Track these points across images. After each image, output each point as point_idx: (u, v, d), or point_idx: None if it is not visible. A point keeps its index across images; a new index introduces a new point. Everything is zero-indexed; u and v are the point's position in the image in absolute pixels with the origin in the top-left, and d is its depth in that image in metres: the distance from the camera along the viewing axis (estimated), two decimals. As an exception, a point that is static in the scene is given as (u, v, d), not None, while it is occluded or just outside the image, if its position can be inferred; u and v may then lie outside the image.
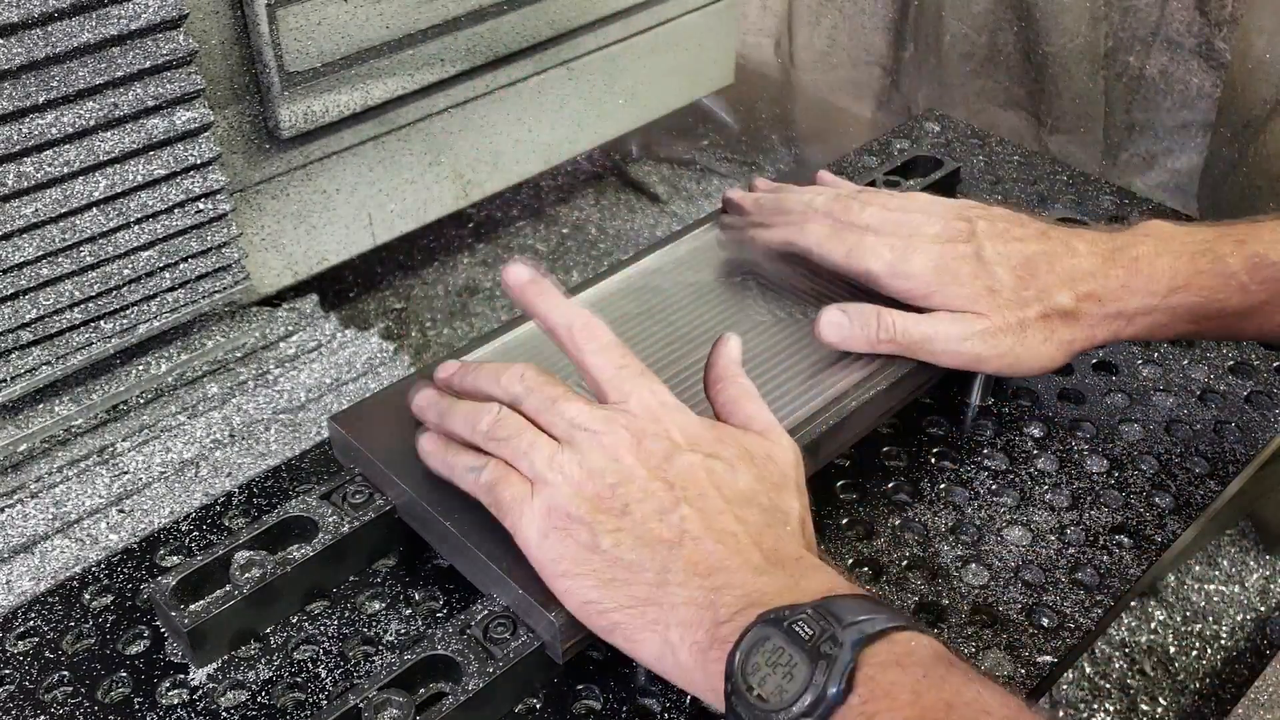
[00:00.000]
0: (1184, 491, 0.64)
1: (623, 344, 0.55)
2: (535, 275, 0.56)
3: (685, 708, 0.53)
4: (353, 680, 0.54)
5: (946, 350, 0.62)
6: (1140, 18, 1.06)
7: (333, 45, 0.80)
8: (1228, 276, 0.61)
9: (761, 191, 0.75)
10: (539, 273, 0.56)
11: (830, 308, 0.64)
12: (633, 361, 0.54)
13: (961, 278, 0.62)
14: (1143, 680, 0.85)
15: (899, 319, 0.63)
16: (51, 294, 0.70)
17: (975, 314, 0.62)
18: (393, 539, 0.60)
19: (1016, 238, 0.64)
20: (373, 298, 1.11)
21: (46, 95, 0.64)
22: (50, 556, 0.67)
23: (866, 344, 0.63)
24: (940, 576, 0.59)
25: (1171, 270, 0.62)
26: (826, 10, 1.28)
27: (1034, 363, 0.62)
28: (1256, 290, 0.61)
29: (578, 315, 0.55)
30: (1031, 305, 0.62)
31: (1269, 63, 0.93)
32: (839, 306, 0.64)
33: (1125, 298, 0.62)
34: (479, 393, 0.56)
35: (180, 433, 0.75)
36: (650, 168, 1.33)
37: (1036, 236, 0.64)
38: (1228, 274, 0.61)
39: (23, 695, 0.53)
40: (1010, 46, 1.15)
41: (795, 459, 0.54)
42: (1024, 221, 0.66)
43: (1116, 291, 0.62)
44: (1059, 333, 0.62)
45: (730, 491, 0.50)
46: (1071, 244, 0.64)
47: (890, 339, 0.63)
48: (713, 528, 0.49)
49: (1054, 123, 1.15)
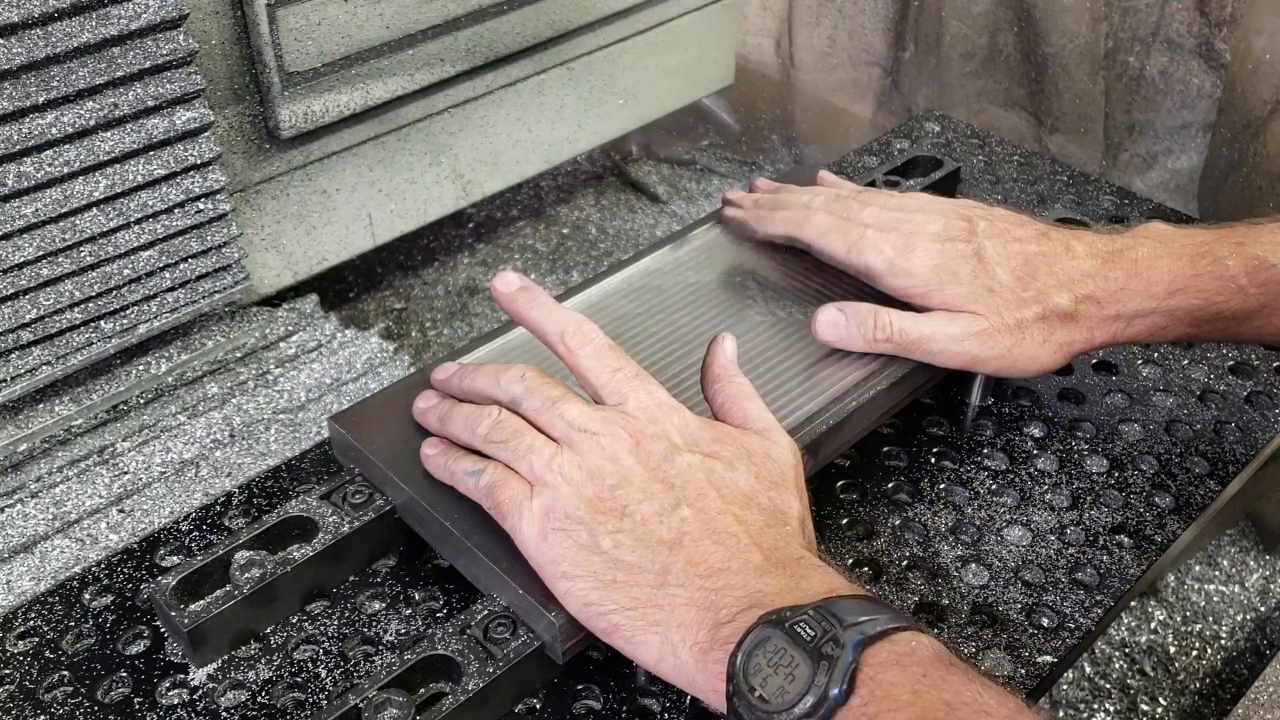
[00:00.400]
0: (1184, 491, 0.64)
1: (616, 346, 0.55)
2: (525, 282, 0.56)
3: (685, 708, 0.53)
4: (353, 680, 0.54)
5: (944, 350, 0.62)
6: (1140, 18, 1.06)
7: (333, 45, 0.80)
8: (1227, 279, 0.61)
9: (761, 191, 0.75)
10: (528, 280, 0.57)
11: (827, 306, 0.64)
12: (627, 364, 0.54)
13: (961, 277, 0.62)
14: (1143, 680, 0.85)
15: (896, 318, 0.63)
16: (51, 294, 0.70)
17: (973, 314, 0.62)
18: (393, 539, 0.60)
19: (1017, 238, 0.64)
20: (373, 298, 1.11)
21: (46, 95, 0.64)
22: (50, 556, 0.67)
23: (864, 343, 0.63)
24: (940, 576, 0.59)
25: (1170, 272, 0.62)
26: (826, 10, 1.28)
27: (1032, 364, 0.62)
28: (1255, 293, 0.61)
29: (569, 320, 0.55)
30: (1030, 306, 0.62)
31: (1269, 63, 0.93)
32: (836, 305, 0.64)
33: (1124, 300, 0.62)
34: (479, 394, 0.56)
35: (180, 433, 0.75)
36: (650, 168, 1.33)
37: (1036, 237, 0.64)
38: (1227, 276, 0.61)
39: (23, 695, 0.53)
40: (1010, 47, 1.15)
41: (794, 458, 0.54)
42: (1024, 222, 0.66)
43: (1115, 293, 0.62)
44: (1057, 334, 0.62)
45: (730, 492, 0.50)
46: (1071, 245, 0.63)
47: (887, 338, 0.62)
48: (713, 528, 0.49)
49: (1054, 123, 1.15)
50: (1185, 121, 1.08)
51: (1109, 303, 0.62)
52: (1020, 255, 0.63)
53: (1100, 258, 0.63)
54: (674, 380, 0.63)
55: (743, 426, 0.55)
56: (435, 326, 1.08)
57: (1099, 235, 0.65)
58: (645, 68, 1.08)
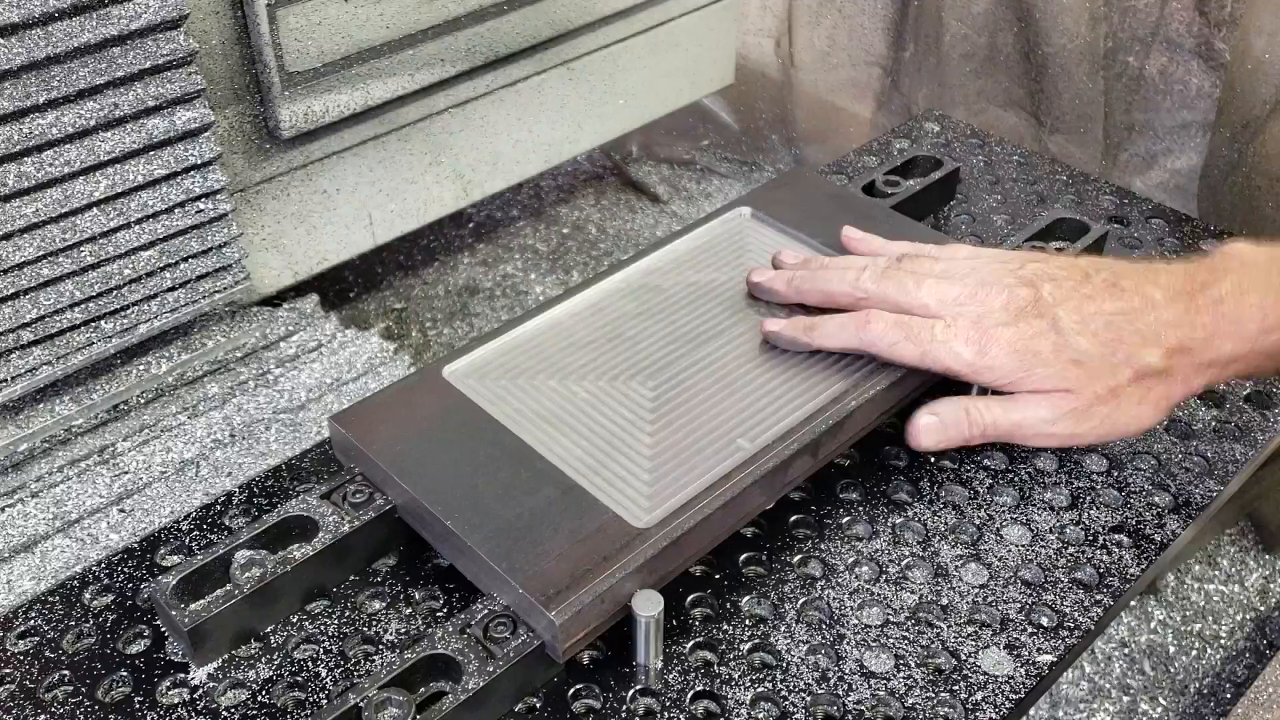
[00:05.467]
0: (1183, 491, 0.64)
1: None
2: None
3: (685, 707, 0.53)
4: (353, 679, 0.54)
5: (1038, 433, 0.61)
6: (1140, 18, 1.06)
7: (333, 45, 0.80)
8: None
9: (791, 269, 0.68)
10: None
11: (922, 411, 0.63)
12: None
13: (1044, 357, 0.59)
14: (1143, 680, 0.85)
15: (986, 410, 0.61)
16: (52, 294, 0.70)
17: (1064, 392, 0.59)
18: (393, 539, 0.60)
19: (1089, 296, 0.60)
20: (373, 298, 1.11)
21: (47, 95, 0.65)
22: (51, 556, 0.67)
23: (962, 440, 0.63)
24: (940, 576, 0.59)
25: (1260, 310, 0.58)
26: (826, 10, 1.28)
27: (1131, 425, 0.60)
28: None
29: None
30: (1121, 371, 0.59)
31: (1269, 63, 0.93)
32: (929, 409, 0.62)
33: (1216, 346, 0.59)
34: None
35: (180, 432, 0.75)
36: (650, 168, 1.33)
37: (1109, 291, 0.60)
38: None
39: (23, 695, 0.53)
40: (1010, 47, 1.15)
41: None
42: (1088, 274, 0.61)
43: (1205, 340, 0.59)
44: (1154, 391, 0.59)
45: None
46: (1148, 294, 0.60)
47: (981, 432, 0.62)
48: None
49: (1054, 123, 1.15)
50: (1185, 121, 1.08)
51: (1200, 351, 0.59)
52: (1099, 318, 0.59)
53: (1183, 302, 0.59)
54: (673, 380, 0.63)
55: None
56: (435, 326, 1.09)
57: (1174, 272, 0.60)
58: (645, 68, 1.08)
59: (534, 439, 0.59)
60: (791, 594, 0.58)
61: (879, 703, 0.53)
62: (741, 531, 0.61)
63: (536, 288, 1.15)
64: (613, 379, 0.63)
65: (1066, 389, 0.59)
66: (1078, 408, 0.59)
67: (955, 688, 0.54)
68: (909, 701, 0.53)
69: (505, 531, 0.54)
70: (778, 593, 0.58)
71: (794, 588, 0.58)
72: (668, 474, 0.57)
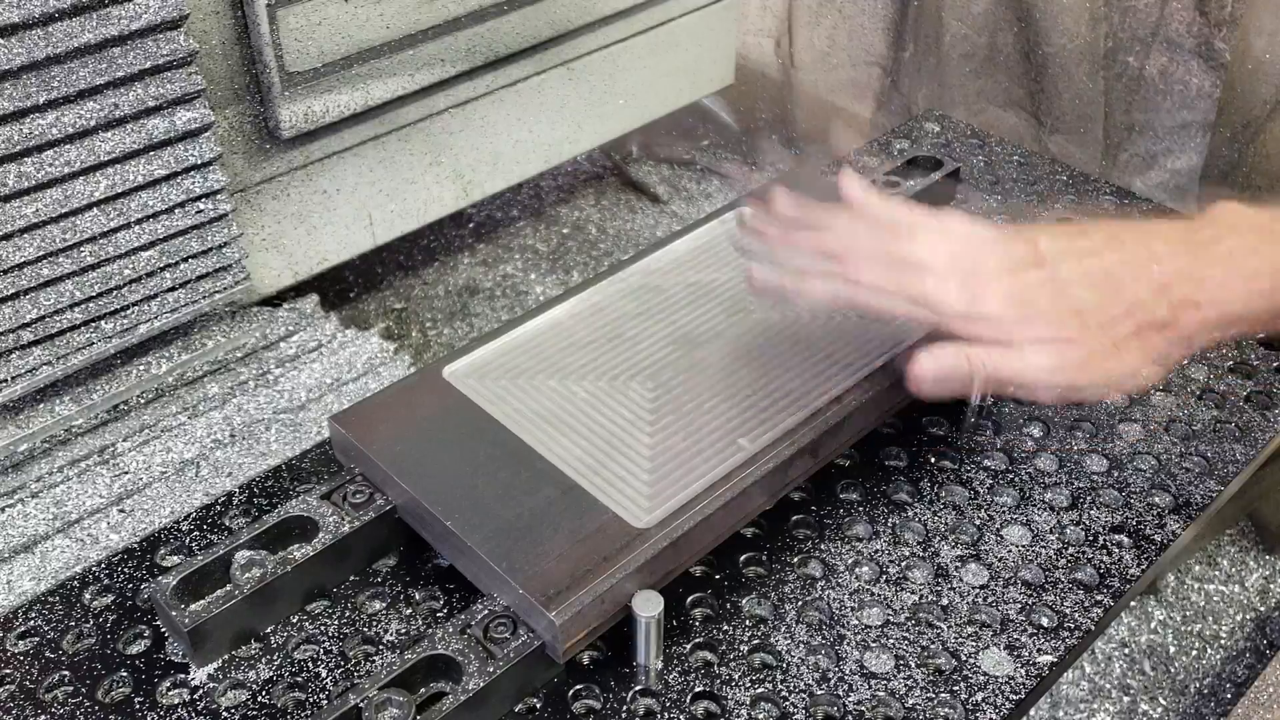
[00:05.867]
0: (1184, 491, 0.64)
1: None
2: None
3: (685, 708, 0.53)
4: (353, 680, 0.54)
5: (1038, 382, 0.57)
6: (1140, 18, 1.06)
7: (333, 45, 0.80)
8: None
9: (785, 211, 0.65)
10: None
11: (920, 354, 0.58)
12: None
13: (1042, 307, 0.57)
14: (1143, 680, 0.85)
15: (986, 355, 0.58)
16: (52, 294, 0.70)
17: (1065, 340, 0.57)
18: (393, 539, 0.60)
19: (1089, 250, 0.58)
20: (373, 298, 1.11)
21: (47, 95, 0.65)
22: (51, 556, 0.67)
23: (961, 387, 0.58)
24: (940, 576, 0.59)
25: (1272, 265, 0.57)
26: (826, 10, 1.28)
27: (1132, 381, 0.58)
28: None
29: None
30: (1122, 322, 0.56)
31: (1269, 63, 0.93)
32: (928, 351, 0.58)
33: (1224, 301, 0.57)
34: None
35: (181, 433, 0.75)
36: (650, 168, 1.33)
37: (1108, 243, 0.58)
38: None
39: (23, 695, 0.53)
40: (1010, 47, 1.15)
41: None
42: (1085, 229, 0.59)
43: (1213, 295, 0.57)
44: (1156, 347, 0.57)
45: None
46: (1150, 245, 0.58)
47: (983, 380, 0.58)
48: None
49: (1054, 123, 1.15)
50: (1185, 121, 1.08)
51: (1208, 305, 0.57)
52: (1099, 268, 0.57)
53: (1189, 252, 0.57)
54: (673, 380, 0.63)
55: None
56: (435, 326, 1.09)
57: (1175, 226, 0.59)
58: (645, 68, 1.08)
59: (534, 439, 0.59)
60: (792, 594, 0.58)
61: (879, 703, 0.53)
62: (742, 532, 0.61)
63: (536, 288, 1.15)
64: (613, 379, 0.63)
65: (1068, 338, 0.57)
66: (1079, 358, 0.57)
67: (955, 688, 0.54)
68: (909, 702, 0.53)
69: (505, 531, 0.54)
70: (778, 593, 0.58)
71: (794, 588, 0.58)
72: (668, 474, 0.57)
